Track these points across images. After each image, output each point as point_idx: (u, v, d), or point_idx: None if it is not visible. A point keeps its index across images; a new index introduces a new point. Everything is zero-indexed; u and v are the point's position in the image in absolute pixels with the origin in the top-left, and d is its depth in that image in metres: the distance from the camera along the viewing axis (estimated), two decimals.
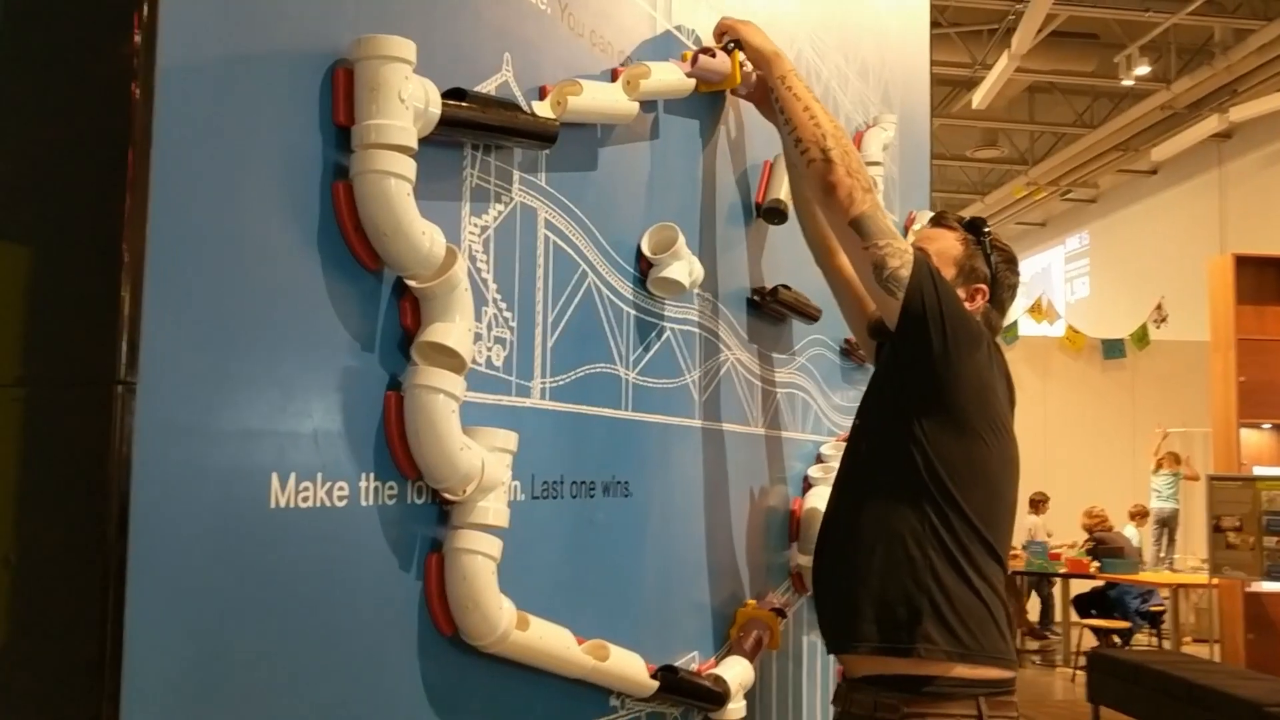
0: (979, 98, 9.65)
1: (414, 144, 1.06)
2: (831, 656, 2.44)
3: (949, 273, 1.77)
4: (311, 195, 1.03)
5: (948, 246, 1.81)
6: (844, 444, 2.40)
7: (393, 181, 1.04)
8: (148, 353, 0.85)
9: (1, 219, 0.89)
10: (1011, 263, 1.86)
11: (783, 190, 2.05)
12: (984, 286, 1.80)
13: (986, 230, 1.86)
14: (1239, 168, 11.24)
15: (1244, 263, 7.35)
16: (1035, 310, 11.30)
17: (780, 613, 1.97)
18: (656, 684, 1.51)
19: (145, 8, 0.87)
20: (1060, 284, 15.40)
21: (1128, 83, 9.87)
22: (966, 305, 1.76)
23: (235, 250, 0.95)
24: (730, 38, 1.78)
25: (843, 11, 2.66)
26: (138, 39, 0.87)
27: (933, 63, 3.70)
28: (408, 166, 1.05)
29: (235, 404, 0.94)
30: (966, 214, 3.10)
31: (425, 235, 1.07)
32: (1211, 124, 9.97)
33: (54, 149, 0.89)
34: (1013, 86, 10.46)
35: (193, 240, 0.91)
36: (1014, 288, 1.87)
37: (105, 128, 0.86)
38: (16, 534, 0.85)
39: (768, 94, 1.80)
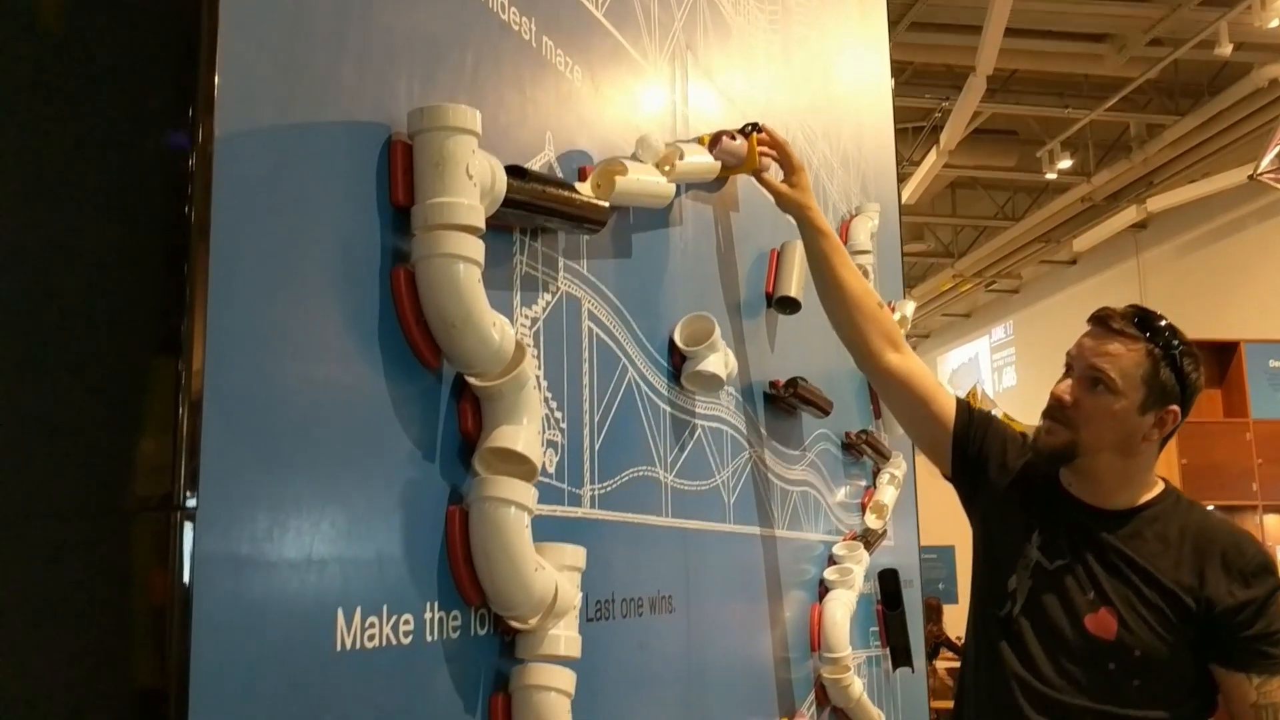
0: (908, 193, 9.84)
1: (482, 225, 0.94)
2: None
3: (1135, 396, 1.56)
4: (369, 285, 0.90)
5: (1130, 367, 1.57)
6: (856, 544, 2.30)
7: (461, 266, 0.92)
8: (208, 471, 0.71)
9: (40, 326, 0.75)
10: (1197, 360, 1.60)
11: (794, 282, 1.96)
12: (1176, 409, 1.59)
13: (1164, 324, 1.60)
14: (1155, 257, 11.59)
15: None
16: (971, 400, 11.42)
17: None
18: None
19: (200, 92, 0.75)
20: (988, 374, 15.63)
21: (1051, 176, 10.16)
22: (1154, 434, 1.59)
23: (293, 351, 0.81)
24: (749, 123, 1.71)
25: (826, 101, 2.62)
26: (192, 121, 0.74)
27: None
28: (477, 249, 0.93)
29: (299, 528, 0.79)
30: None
31: (496, 327, 0.95)
32: (1130, 215, 10.28)
33: (101, 244, 0.75)
34: (937, 183, 10.71)
35: (251, 340, 0.77)
36: (1201, 389, 1.62)
37: (161, 214, 0.73)
38: (62, 689, 0.69)
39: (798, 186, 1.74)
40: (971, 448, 1.75)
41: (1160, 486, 1.67)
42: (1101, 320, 1.62)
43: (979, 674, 1.69)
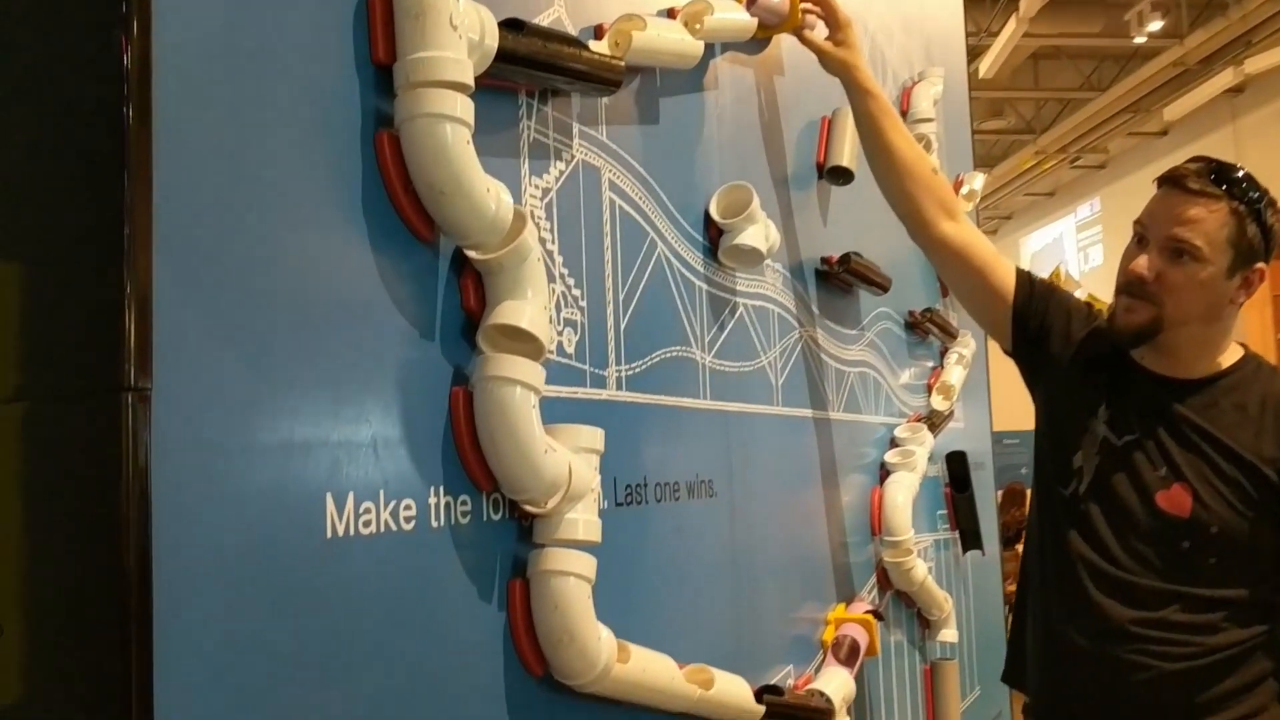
0: (986, 66, 9.41)
1: (470, 81, 0.86)
2: (919, 658, 2.25)
3: (1222, 261, 1.44)
4: (351, 151, 0.84)
5: (1214, 230, 1.43)
6: (919, 426, 2.22)
7: (448, 127, 0.84)
8: (163, 350, 0.66)
9: None
10: (1277, 206, 1.48)
11: (846, 151, 1.85)
12: (1262, 267, 1.47)
13: (1242, 175, 1.46)
14: (1253, 122, 10.97)
15: None
16: (1054, 280, 11.08)
17: (878, 615, 1.77)
18: (763, 709, 1.31)
19: None
20: (1073, 254, 15.15)
21: (1140, 40, 9.62)
22: (1241, 296, 1.49)
23: (267, 224, 0.76)
24: None
25: None
26: None
27: None
28: (465, 108, 0.86)
29: (277, 410, 0.75)
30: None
31: (491, 194, 0.88)
32: (1226, 78, 9.71)
33: (32, 104, 0.69)
34: (1017, 54, 10.22)
35: (213, 213, 0.71)
36: None
37: (97, 67, 0.67)
38: (17, 583, 0.66)
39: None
40: (1033, 321, 1.64)
41: (1240, 352, 1.55)
42: (1175, 181, 1.47)
43: (1044, 557, 1.61)
